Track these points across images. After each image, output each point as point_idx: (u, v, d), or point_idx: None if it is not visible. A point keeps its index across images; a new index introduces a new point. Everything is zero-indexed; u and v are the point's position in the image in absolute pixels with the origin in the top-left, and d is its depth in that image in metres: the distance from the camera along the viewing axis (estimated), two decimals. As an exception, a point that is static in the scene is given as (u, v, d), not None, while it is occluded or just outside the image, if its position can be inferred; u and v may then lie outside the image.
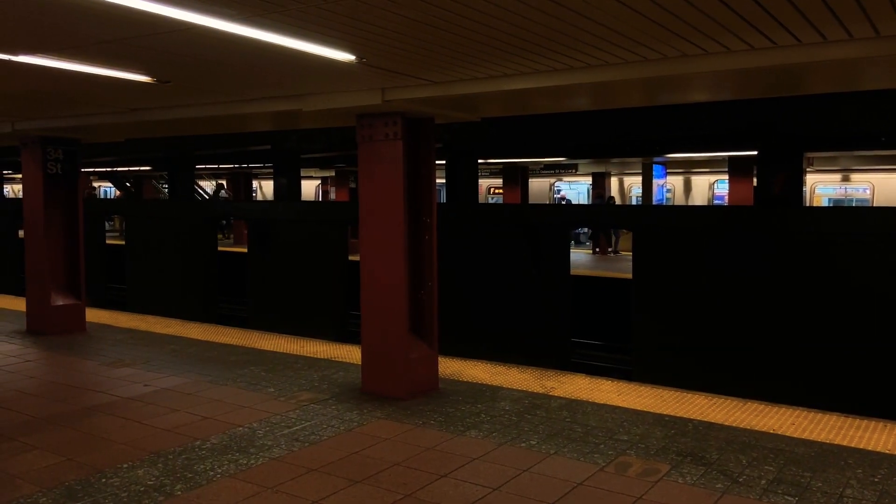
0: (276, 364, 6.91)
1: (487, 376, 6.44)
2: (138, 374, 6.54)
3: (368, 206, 5.97)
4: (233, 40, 3.98)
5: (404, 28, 3.77)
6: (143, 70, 5.12)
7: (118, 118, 7.50)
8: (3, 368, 6.82)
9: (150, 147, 14.88)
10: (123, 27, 3.85)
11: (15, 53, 4.55)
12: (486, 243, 10.22)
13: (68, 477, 4.15)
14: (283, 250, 12.50)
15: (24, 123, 8.17)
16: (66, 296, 8.66)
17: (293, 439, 4.79)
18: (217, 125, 8.85)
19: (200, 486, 4.02)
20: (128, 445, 4.69)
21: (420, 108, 5.76)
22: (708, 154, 18.58)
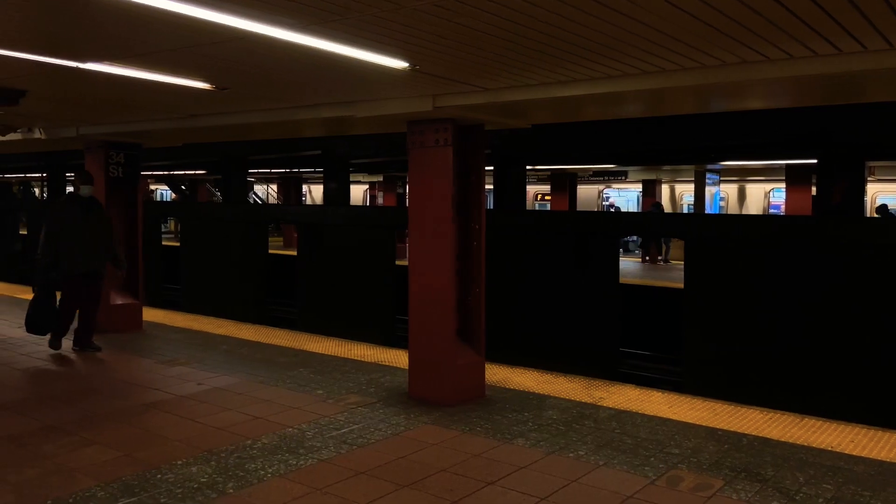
0: (324, 366, 7.00)
1: (534, 384, 6.40)
2: (192, 372, 6.70)
3: (417, 211, 6.01)
4: (290, 49, 4.06)
5: (458, 35, 3.79)
6: (203, 77, 5.26)
7: (177, 123, 7.71)
8: (65, 365, 7.07)
9: (205, 151, 15.28)
10: (187, 36, 3.97)
11: (83, 61, 4.73)
12: (533, 250, 10.17)
13: (125, 472, 4.27)
14: (332, 254, 12.66)
15: (88, 128, 8.47)
16: (125, 295, 8.92)
17: (341, 442, 4.84)
18: (270, 130, 9.05)
19: (252, 484, 4.10)
20: (182, 442, 4.81)
21: (470, 115, 5.77)
22: (764, 162, 18.14)
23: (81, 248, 7.34)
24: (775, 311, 8.14)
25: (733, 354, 8.41)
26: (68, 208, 7.47)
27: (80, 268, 7.35)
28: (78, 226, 7.35)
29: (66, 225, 7.31)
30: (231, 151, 14.79)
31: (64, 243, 7.26)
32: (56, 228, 7.29)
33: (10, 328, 8.88)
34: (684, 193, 25.76)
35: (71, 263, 7.28)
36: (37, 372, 6.76)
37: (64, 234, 7.26)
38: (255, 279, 13.72)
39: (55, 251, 7.25)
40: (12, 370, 6.80)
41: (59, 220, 7.34)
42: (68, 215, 7.39)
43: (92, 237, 7.44)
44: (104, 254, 7.59)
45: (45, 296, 7.35)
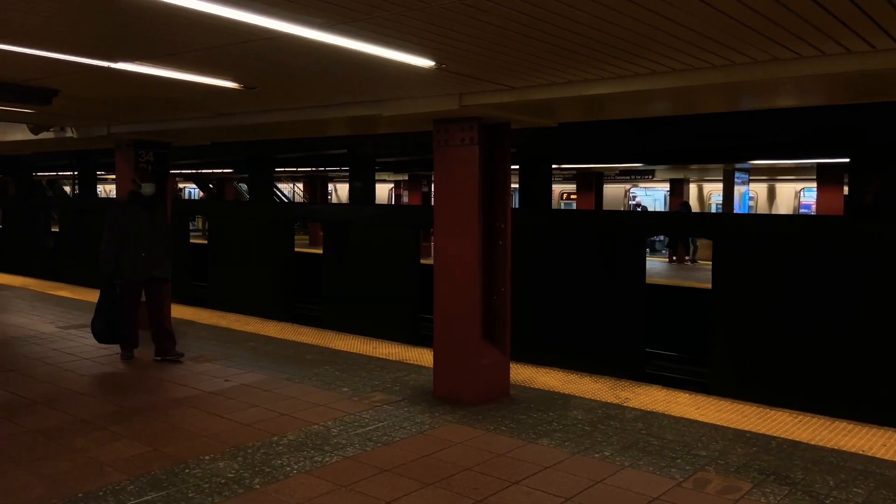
0: (349, 364, 7.03)
1: (559, 384, 6.37)
2: (219, 369, 6.77)
3: (443, 210, 6.01)
4: (318, 48, 4.09)
5: (486, 34, 3.78)
6: (232, 77, 5.31)
7: (206, 122, 7.80)
8: (95, 360, 7.19)
9: (232, 150, 15.44)
10: (216, 36, 4.01)
11: (114, 61, 4.80)
12: (559, 249, 10.12)
13: (154, 466, 4.33)
14: (357, 252, 12.72)
15: (119, 127, 8.60)
16: (154, 292, 9.02)
17: (366, 439, 4.86)
18: (297, 129, 9.10)
19: (278, 480, 4.13)
20: (210, 438, 4.86)
21: (497, 114, 5.76)
22: (794, 161, 17.87)
23: (146, 252, 6.89)
24: (805, 313, 8.02)
25: (761, 356, 8.29)
26: (130, 209, 6.99)
27: (145, 274, 6.91)
28: (142, 228, 6.89)
29: (128, 227, 6.85)
30: (258, 150, 14.93)
31: (127, 247, 6.81)
32: (118, 231, 6.83)
33: (43, 323, 9.05)
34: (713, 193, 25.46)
35: (134, 269, 6.84)
36: (68, 367, 6.88)
37: (126, 238, 6.82)
38: (281, 277, 13.84)
39: (117, 256, 6.81)
40: (44, 364, 6.93)
41: (120, 223, 6.88)
42: (131, 217, 6.92)
43: (156, 240, 6.99)
44: (168, 258, 7.15)
45: (110, 304, 6.90)
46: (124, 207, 7.06)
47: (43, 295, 11.70)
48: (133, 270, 6.85)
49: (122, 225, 6.86)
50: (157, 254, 6.99)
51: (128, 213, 6.97)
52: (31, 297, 11.39)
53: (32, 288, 12.54)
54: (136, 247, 6.85)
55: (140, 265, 6.86)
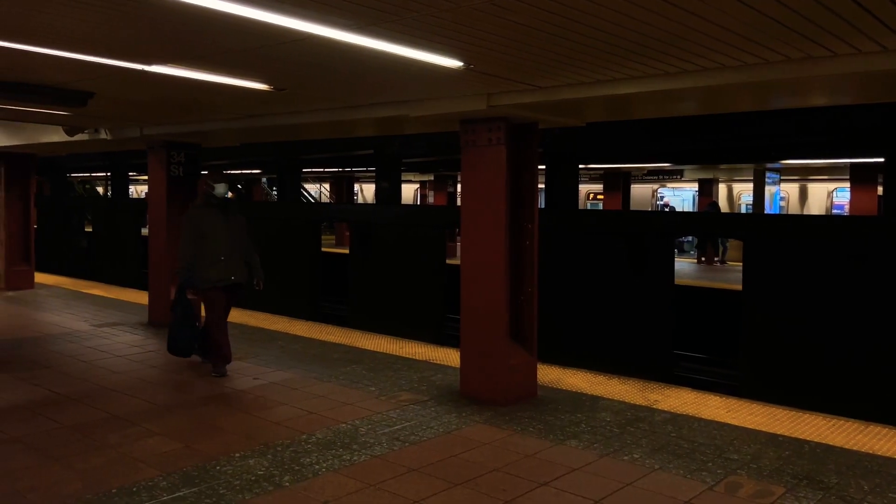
0: (376, 363, 7.07)
1: (587, 385, 6.34)
2: (248, 367, 6.85)
3: (470, 210, 6.01)
4: (347, 49, 4.11)
5: (514, 34, 3.78)
6: (262, 78, 5.37)
7: (236, 124, 7.90)
8: (128, 357, 7.31)
9: (260, 151, 15.59)
10: (248, 38, 4.06)
11: (149, 63, 4.88)
12: (586, 250, 10.06)
13: (185, 463, 4.39)
14: (383, 252, 12.77)
15: (151, 129, 8.74)
16: (185, 291, 9.15)
17: (394, 438, 4.88)
18: (324, 130, 9.16)
19: (307, 478, 4.17)
20: (240, 435, 4.92)
21: (524, 114, 5.75)
22: (827, 161, 17.57)
23: (225, 256, 6.47)
24: (838, 315, 7.87)
25: (794, 358, 8.16)
26: (207, 212, 6.55)
27: (223, 280, 6.48)
28: (219, 231, 6.49)
29: (205, 232, 6.44)
30: (286, 151, 15.06)
31: (204, 252, 6.41)
32: (195, 235, 6.45)
33: (77, 321, 9.23)
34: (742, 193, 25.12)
35: (212, 275, 6.42)
36: (101, 364, 7.00)
37: (204, 242, 6.42)
38: (308, 277, 13.94)
39: (194, 261, 6.44)
40: (78, 362, 7.07)
41: (197, 227, 6.47)
42: (207, 220, 6.49)
43: (233, 244, 6.57)
44: (245, 262, 6.73)
45: (187, 313, 6.63)
46: (199, 210, 6.59)
47: (77, 293, 11.93)
48: (212, 276, 6.44)
49: (199, 229, 6.45)
50: (236, 258, 6.58)
51: (204, 216, 6.53)
52: (66, 296, 11.63)
53: (67, 286, 12.80)
54: (216, 251, 6.44)
55: (221, 270, 6.45)
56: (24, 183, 12.55)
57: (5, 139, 11.29)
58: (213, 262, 6.42)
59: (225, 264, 6.46)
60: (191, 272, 6.44)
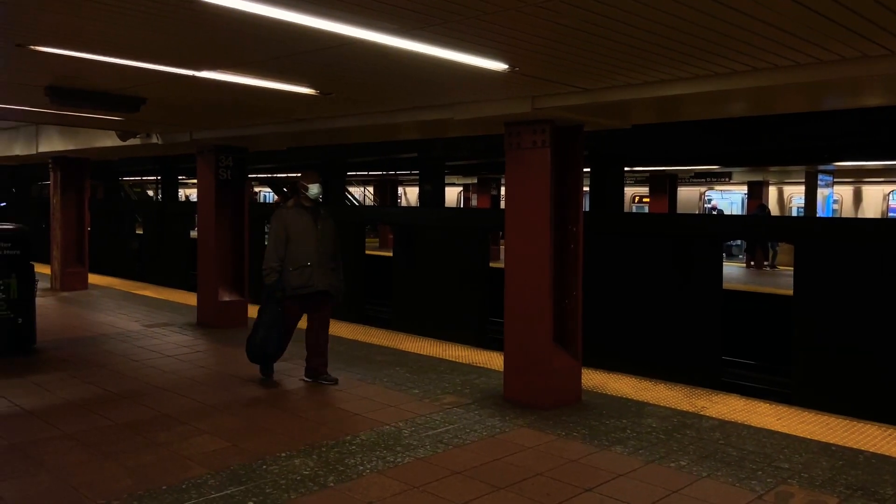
0: (419, 366, 7.09)
1: (632, 391, 6.25)
2: (294, 368, 6.93)
3: (514, 213, 5.99)
4: (392, 53, 4.15)
5: (559, 36, 3.76)
6: (309, 83, 5.45)
7: (282, 128, 8.02)
8: (177, 357, 7.48)
9: (305, 154, 15.80)
10: (296, 44, 4.12)
11: (199, 69, 5.00)
12: (632, 253, 9.93)
13: (233, 462, 4.47)
14: (426, 255, 12.81)
15: (200, 133, 8.94)
16: (232, 292, 9.35)
17: (437, 441, 4.89)
18: (369, 134, 9.25)
19: (351, 479, 4.20)
20: (285, 435, 4.99)
21: (569, 116, 5.70)
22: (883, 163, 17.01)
23: (313, 261, 6.11)
24: (894, 321, 7.60)
25: (847, 366, 7.91)
26: (297, 214, 6.19)
27: (304, 287, 6.12)
28: (308, 235, 6.13)
29: (293, 235, 6.10)
30: (330, 154, 15.24)
31: (292, 257, 6.08)
32: (284, 239, 6.10)
33: (128, 322, 9.49)
34: (794, 196, 24.49)
35: (294, 281, 6.09)
36: (152, 363, 7.18)
37: (293, 246, 6.09)
38: (351, 279, 14.06)
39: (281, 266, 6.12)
40: (130, 361, 7.26)
41: (286, 229, 6.12)
42: (297, 223, 6.14)
43: (322, 250, 6.19)
44: (337, 269, 6.39)
45: (273, 320, 6.20)
46: (289, 211, 6.22)
47: (128, 294, 12.26)
48: (296, 283, 6.09)
49: (287, 232, 6.10)
50: (325, 264, 6.21)
51: (294, 218, 6.17)
52: (118, 297, 11.96)
53: (118, 287, 13.17)
54: (303, 256, 6.08)
55: (305, 277, 6.09)
56: (78, 187, 12.96)
57: (61, 144, 11.68)
58: (298, 268, 6.07)
59: (311, 271, 6.09)
60: (278, 275, 6.11)
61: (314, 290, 6.17)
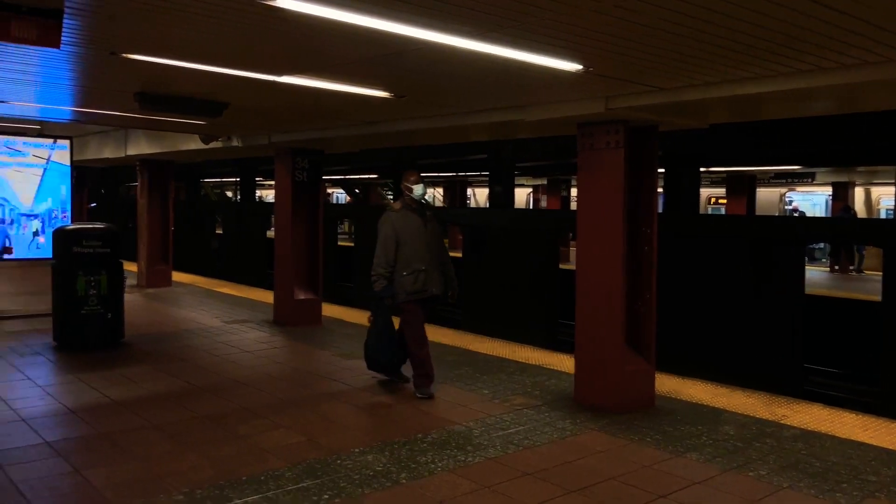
0: (488, 366, 7.10)
1: (708, 397, 6.09)
2: (364, 367, 7.05)
3: (587, 214, 5.93)
4: (466, 56, 4.18)
5: (636, 35, 3.71)
6: (383, 86, 5.54)
7: (355, 130, 8.18)
8: (255, 353, 7.73)
9: (377, 156, 16.06)
10: (372, 48, 4.21)
11: (279, 75, 5.16)
12: (708, 256, 9.67)
13: (308, 455, 4.60)
14: (496, 256, 12.81)
15: (278, 136, 9.22)
16: (307, 291, 9.59)
17: (508, 441, 4.90)
18: (439, 136, 9.33)
19: (423, 476, 4.26)
20: (359, 431, 5.10)
21: (644, 116, 5.61)
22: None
23: (425, 266, 5.90)
24: None
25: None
26: (406, 216, 5.96)
27: (422, 292, 5.91)
28: (418, 239, 5.91)
29: (404, 238, 5.88)
30: (401, 156, 15.43)
31: (402, 261, 5.87)
32: (394, 243, 5.87)
33: (209, 318, 9.86)
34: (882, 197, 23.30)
35: (410, 286, 5.86)
36: (231, 358, 7.44)
37: (404, 250, 5.87)
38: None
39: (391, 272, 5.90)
40: (211, 356, 7.55)
41: (396, 231, 5.89)
42: (407, 225, 5.91)
43: (432, 252, 5.99)
44: (444, 272, 6.12)
45: (383, 327, 6.07)
46: (397, 214, 5.99)
47: (209, 291, 12.74)
48: (413, 287, 5.87)
49: (397, 236, 5.88)
50: (435, 267, 5.99)
51: (403, 220, 5.94)
52: (199, 294, 12.45)
53: (199, 285, 13.70)
54: (416, 260, 5.87)
55: (421, 281, 5.88)
56: (163, 188, 13.55)
57: (147, 147, 12.24)
58: (412, 272, 5.85)
59: (425, 274, 5.88)
60: (389, 281, 5.89)
61: (427, 295, 5.95)
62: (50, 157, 9.77)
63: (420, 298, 5.93)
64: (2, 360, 7.10)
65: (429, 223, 6.05)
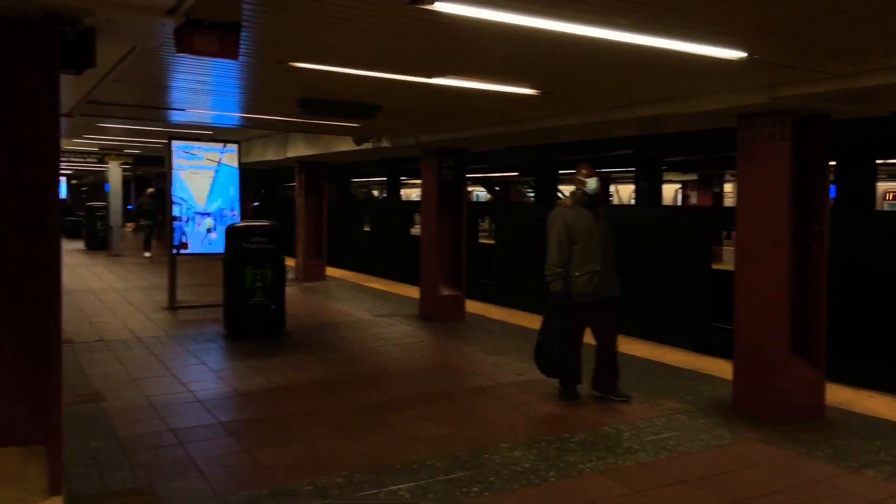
0: (637, 368, 6.89)
1: (888, 410, 5.56)
2: (511, 363, 7.09)
3: (748, 212, 5.60)
4: (618, 49, 4.07)
5: (808, 18, 3.46)
6: (531, 84, 5.53)
7: (498, 129, 8.22)
8: (403, 345, 7.99)
9: (518, 154, 16.04)
10: (524, 46, 4.21)
11: (431, 77, 5.29)
12: (888, 256, 8.81)
13: (457, 448, 4.68)
14: (643, 255, 12.38)
15: (425, 137, 9.46)
16: (451, 287, 9.78)
17: (660, 447, 4.73)
18: (584, 132, 9.18)
19: (571, 476, 4.21)
20: (505, 428, 5.13)
21: (814, 104, 5.21)
22: None
23: (601, 265, 5.61)
24: None
25: None
26: (579, 213, 5.66)
27: (595, 294, 5.61)
28: (592, 237, 5.62)
29: (577, 236, 5.59)
30: (542, 153, 15.33)
31: (579, 260, 5.58)
32: (568, 241, 5.59)
33: (360, 311, 10.30)
34: None
35: (583, 287, 5.58)
36: (381, 350, 7.74)
37: (578, 249, 5.59)
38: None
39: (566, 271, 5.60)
40: (362, 347, 7.89)
41: (569, 229, 5.60)
42: (580, 223, 5.62)
43: (608, 251, 5.71)
44: (617, 272, 5.82)
45: (567, 332, 5.63)
46: (570, 210, 5.70)
47: (358, 286, 13.32)
48: (586, 289, 5.59)
49: (571, 234, 5.60)
50: (609, 267, 5.70)
51: (576, 217, 5.64)
52: (350, 288, 13.04)
53: (350, 280, 14.35)
54: (589, 259, 5.58)
55: (595, 283, 5.59)
56: (318, 188, 14.32)
57: (305, 149, 12.99)
58: (585, 272, 5.57)
59: (599, 276, 5.59)
60: (564, 282, 5.60)
61: (602, 297, 5.66)
62: (221, 159, 10.61)
63: (590, 301, 5.63)
64: (179, 345, 7.81)
65: (602, 220, 5.74)
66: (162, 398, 5.76)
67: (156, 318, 9.48)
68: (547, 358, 5.72)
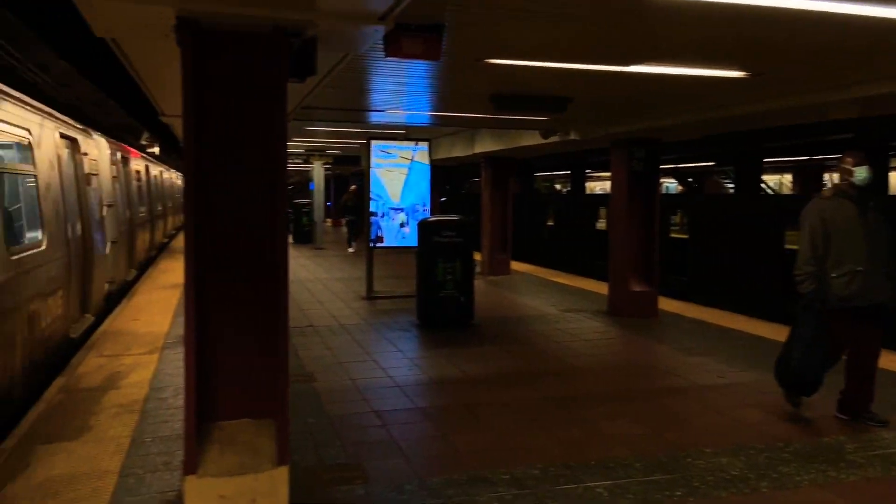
0: (858, 376, 6.22)
1: None
2: (710, 364, 6.71)
3: None
4: (844, 22, 3.69)
5: None
6: (739, 66, 5.18)
7: (697, 116, 7.77)
8: (591, 342, 7.85)
9: (713, 143, 15.12)
10: (728, 25, 3.95)
11: (626, 65, 5.14)
12: None
13: (655, 449, 4.51)
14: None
15: (615, 128, 9.20)
16: (642, 283, 9.45)
17: (889, 462, 4.24)
18: (792, 116, 8.43)
19: (787, 488, 3.90)
20: (707, 432, 4.86)
21: None
22: None
23: (862, 267, 4.84)
24: None
25: None
26: (838, 205, 4.95)
27: (858, 298, 4.85)
28: (853, 233, 4.87)
29: (834, 230, 4.89)
30: (743, 141, 14.33)
31: (835, 259, 4.89)
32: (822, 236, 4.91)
33: (545, 305, 10.28)
34: None
35: (841, 289, 4.87)
36: (569, 345, 7.65)
37: (835, 246, 4.89)
38: (767, 273, 13.05)
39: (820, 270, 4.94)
40: (549, 341, 7.85)
41: (824, 223, 4.92)
42: (838, 216, 4.91)
43: (874, 251, 4.88)
44: (889, 276, 4.93)
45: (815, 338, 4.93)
46: (827, 202, 5.01)
47: (542, 280, 13.30)
48: (844, 292, 4.87)
49: (826, 228, 4.91)
50: (878, 269, 4.89)
51: (834, 210, 4.95)
52: (535, 282, 13.06)
53: (533, 274, 14.37)
54: (849, 258, 4.87)
55: (856, 285, 4.84)
56: (504, 183, 14.47)
57: (492, 145, 13.18)
58: (843, 273, 4.88)
59: (862, 277, 4.84)
60: (817, 282, 4.94)
61: (866, 303, 4.88)
62: (413, 157, 11.08)
63: (850, 307, 4.88)
64: (378, 334, 8.27)
65: (869, 215, 4.93)
66: (365, 381, 6.14)
67: (355, 306, 10.13)
68: (786, 367, 5.11)
